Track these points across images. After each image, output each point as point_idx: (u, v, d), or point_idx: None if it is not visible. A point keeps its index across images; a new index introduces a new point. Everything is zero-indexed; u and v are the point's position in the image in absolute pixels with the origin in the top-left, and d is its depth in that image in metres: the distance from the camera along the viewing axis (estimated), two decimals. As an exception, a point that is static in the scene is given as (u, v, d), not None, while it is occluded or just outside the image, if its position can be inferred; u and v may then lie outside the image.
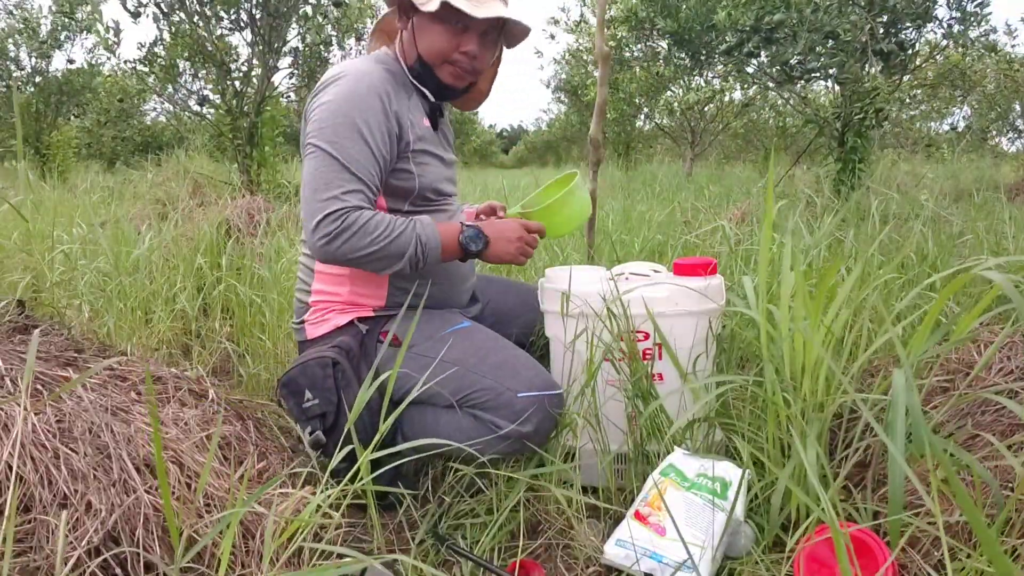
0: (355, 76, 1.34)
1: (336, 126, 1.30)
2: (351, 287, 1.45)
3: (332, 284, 1.46)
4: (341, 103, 1.31)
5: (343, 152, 1.29)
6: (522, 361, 1.39)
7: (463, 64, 1.41)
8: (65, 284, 2.09)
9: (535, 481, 1.35)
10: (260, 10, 4.77)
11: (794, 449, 1.14)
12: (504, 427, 1.30)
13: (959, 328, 1.07)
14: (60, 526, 0.87)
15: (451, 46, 1.39)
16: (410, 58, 1.44)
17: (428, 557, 1.22)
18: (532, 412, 1.30)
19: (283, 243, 2.72)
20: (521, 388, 1.32)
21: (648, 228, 3.12)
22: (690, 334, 1.39)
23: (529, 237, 1.43)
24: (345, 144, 1.29)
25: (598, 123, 2.04)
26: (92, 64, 8.72)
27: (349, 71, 1.35)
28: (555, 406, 1.34)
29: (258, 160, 5.05)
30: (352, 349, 1.40)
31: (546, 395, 1.33)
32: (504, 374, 1.34)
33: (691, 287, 1.38)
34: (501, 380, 1.33)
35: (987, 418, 1.19)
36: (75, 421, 1.06)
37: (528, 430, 1.30)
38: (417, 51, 1.41)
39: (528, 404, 1.31)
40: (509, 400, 1.31)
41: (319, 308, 1.47)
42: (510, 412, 1.30)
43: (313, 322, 1.48)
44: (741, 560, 1.12)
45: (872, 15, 3.99)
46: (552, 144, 21.62)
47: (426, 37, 1.39)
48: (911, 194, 4.04)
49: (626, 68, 8.14)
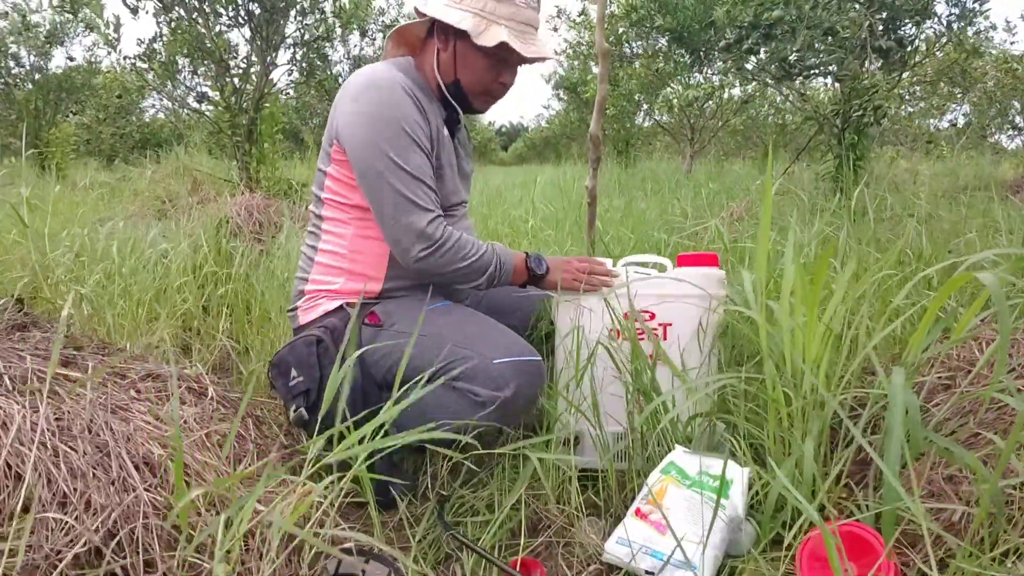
0: (389, 85, 1.35)
1: (391, 138, 1.33)
2: (347, 279, 1.48)
3: (329, 274, 1.49)
4: (385, 112, 1.33)
5: (409, 163, 1.34)
6: (499, 330, 1.41)
7: (498, 93, 1.48)
8: (64, 283, 2.09)
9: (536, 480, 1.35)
10: (257, 4, 4.76)
11: (793, 446, 1.14)
12: (482, 394, 1.31)
13: (959, 326, 1.07)
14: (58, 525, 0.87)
15: (493, 78, 1.44)
16: (446, 78, 1.45)
17: (428, 555, 1.22)
18: (509, 376, 1.31)
19: (282, 239, 2.72)
20: (497, 355, 1.33)
21: (646, 226, 3.11)
22: (693, 320, 1.42)
23: (583, 267, 1.50)
24: (407, 155, 1.34)
25: (598, 120, 2.03)
26: (92, 62, 8.71)
27: (381, 80, 1.36)
28: (535, 372, 1.35)
29: (257, 157, 5.04)
30: (338, 328, 1.43)
31: (522, 360, 1.34)
32: (480, 342, 1.36)
33: (693, 275, 1.43)
34: (476, 348, 1.35)
35: (989, 416, 1.18)
36: (74, 419, 1.06)
37: (507, 395, 1.30)
38: (456, 76, 1.44)
39: (504, 369, 1.31)
40: (485, 366, 1.32)
41: (312, 295, 1.50)
42: (487, 378, 1.31)
43: (304, 308, 1.51)
44: (742, 558, 1.12)
45: (871, 11, 3.98)
46: (552, 141, 21.57)
47: (470, 68, 1.42)
48: (909, 191, 4.04)
49: (626, 63, 8.13)
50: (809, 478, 1.07)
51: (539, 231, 3.23)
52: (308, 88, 5.88)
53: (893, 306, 1.30)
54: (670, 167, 8.82)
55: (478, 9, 1.36)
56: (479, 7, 1.36)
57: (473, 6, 1.36)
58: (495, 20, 1.36)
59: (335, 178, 1.45)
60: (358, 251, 1.47)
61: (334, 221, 1.48)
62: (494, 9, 1.36)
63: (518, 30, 1.39)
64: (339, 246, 1.48)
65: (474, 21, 1.35)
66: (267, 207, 3.87)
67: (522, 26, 1.39)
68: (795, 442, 1.15)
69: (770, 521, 1.15)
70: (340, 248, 1.48)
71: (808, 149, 5.77)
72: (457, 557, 1.21)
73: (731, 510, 1.10)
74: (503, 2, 1.37)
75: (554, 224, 3.35)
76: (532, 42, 1.41)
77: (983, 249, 2.04)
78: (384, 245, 1.45)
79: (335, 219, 1.48)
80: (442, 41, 1.42)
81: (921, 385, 1.31)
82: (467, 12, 1.36)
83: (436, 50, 1.44)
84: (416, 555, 1.18)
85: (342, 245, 1.48)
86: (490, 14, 1.36)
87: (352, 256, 1.47)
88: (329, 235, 1.49)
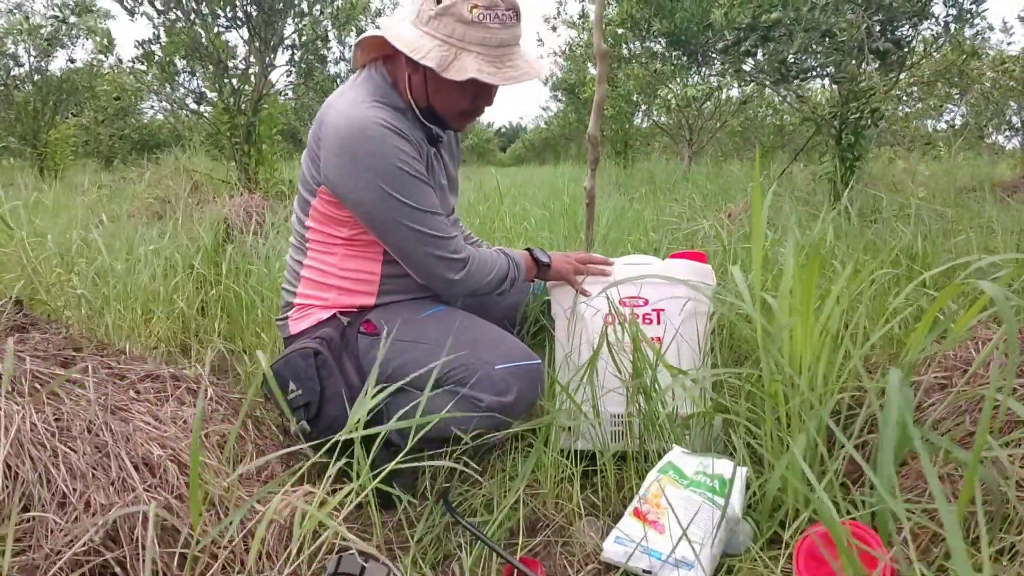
0: (374, 130, 1.27)
1: (394, 184, 1.30)
2: (338, 295, 1.46)
3: (319, 290, 1.47)
4: (379, 164, 1.28)
5: (418, 200, 1.33)
6: (499, 334, 1.42)
7: (476, 114, 1.43)
8: (63, 284, 2.09)
9: (534, 479, 1.36)
10: (254, 6, 4.76)
11: (791, 445, 1.15)
12: (485, 400, 1.32)
13: (956, 328, 1.08)
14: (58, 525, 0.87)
15: (468, 102, 1.37)
16: (420, 101, 1.37)
17: (427, 555, 1.22)
18: (512, 382, 1.33)
19: (280, 241, 2.72)
20: (499, 360, 1.34)
21: (643, 228, 3.12)
22: (683, 304, 1.50)
23: (583, 257, 1.59)
24: (413, 193, 1.33)
25: (596, 120, 2.03)
26: (94, 64, 8.70)
27: (365, 126, 1.27)
28: (535, 376, 1.37)
29: (256, 158, 5.04)
30: (334, 339, 1.42)
31: (524, 365, 1.36)
32: (481, 348, 1.37)
33: (684, 267, 1.52)
34: (478, 354, 1.35)
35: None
36: (73, 420, 1.06)
37: (509, 400, 1.32)
38: (429, 101, 1.36)
39: (507, 374, 1.33)
40: (488, 373, 1.33)
41: (302, 307, 1.49)
42: (490, 384, 1.33)
43: (296, 318, 1.49)
44: (740, 557, 1.13)
45: (868, 13, 3.98)
46: (550, 142, 21.57)
47: (443, 95, 1.34)
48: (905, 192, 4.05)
49: (624, 64, 8.13)
50: (806, 477, 1.07)
51: (536, 232, 3.23)
52: (306, 89, 5.88)
53: (892, 307, 1.30)
54: (668, 168, 8.83)
55: (446, 36, 1.25)
56: (447, 33, 1.24)
57: (441, 31, 1.25)
58: (464, 47, 1.25)
59: (321, 212, 1.41)
60: (348, 269, 1.44)
61: (321, 243, 1.44)
62: (464, 35, 1.24)
63: (492, 55, 1.27)
64: (328, 265, 1.44)
65: (440, 54, 1.24)
66: (265, 208, 3.88)
67: (497, 49, 1.27)
68: (792, 441, 1.16)
69: (767, 520, 1.15)
70: (329, 267, 1.44)
71: (806, 150, 5.78)
72: (456, 557, 1.21)
73: (728, 509, 1.10)
74: (473, 26, 1.24)
75: (548, 224, 3.36)
76: (510, 64, 1.29)
77: (979, 250, 2.05)
78: (375, 264, 1.44)
79: (321, 243, 1.44)
80: (411, 66, 1.32)
81: (918, 385, 1.31)
82: (435, 40, 1.25)
83: (407, 73, 1.35)
84: (415, 555, 1.18)
85: (331, 264, 1.44)
86: (459, 40, 1.25)
87: (342, 274, 1.44)
88: (316, 254, 1.46)
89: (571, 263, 1.56)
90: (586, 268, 1.55)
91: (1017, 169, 6.97)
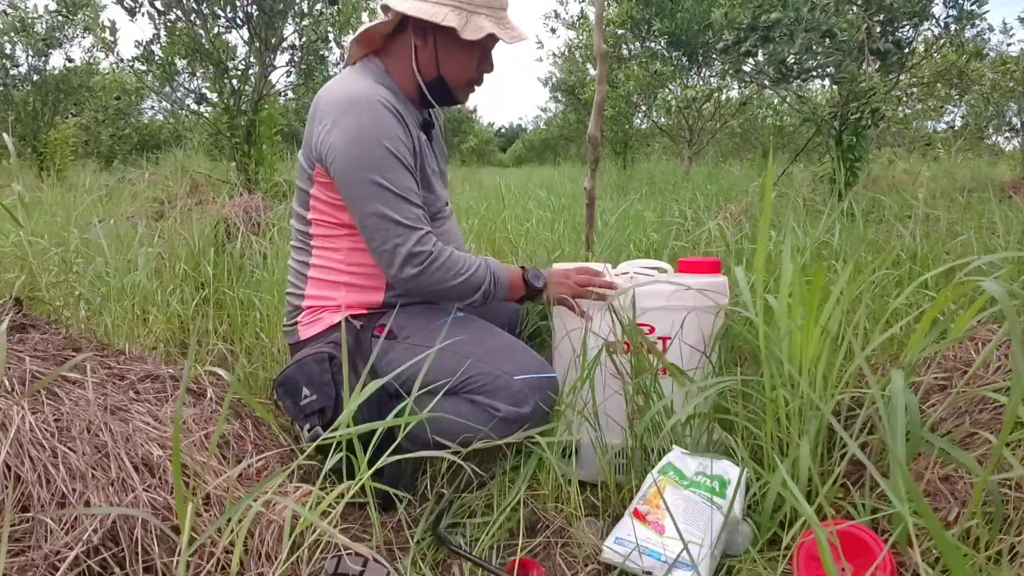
0: (369, 104, 1.31)
1: (375, 160, 1.30)
2: (346, 292, 1.46)
3: (327, 289, 1.47)
4: (367, 133, 1.30)
5: (395, 183, 1.32)
6: (517, 346, 1.43)
7: (479, 82, 1.47)
8: (62, 284, 2.09)
9: (535, 481, 1.36)
10: (255, 7, 4.76)
11: (791, 447, 1.15)
12: (503, 410, 1.32)
13: (955, 328, 1.08)
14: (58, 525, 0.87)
15: (475, 68, 1.44)
16: (428, 75, 1.43)
17: (427, 556, 1.22)
18: (529, 394, 1.33)
19: (279, 242, 2.71)
20: (517, 371, 1.35)
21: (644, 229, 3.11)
22: (695, 331, 1.40)
23: (585, 278, 1.45)
24: (392, 175, 1.32)
25: (596, 121, 2.04)
26: (91, 63, 8.70)
27: (360, 98, 1.32)
28: (551, 388, 1.38)
29: (256, 159, 5.04)
30: (348, 344, 1.40)
31: (542, 377, 1.37)
32: (500, 358, 1.37)
33: (696, 284, 1.38)
34: (497, 364, 1.36)
35: (985, 416, 1.19)
36: (73, 420, 1.06)
37: (526, 411, 1.33)
38: (439, 72, 1.42)
39: (525, 386, 1.34)
40: (506, 383, 1.34)
41: (311, 311, 1.48)
42: (507, 395, 1.33)
43: (306, 323, 1.48)
44: (739, 558, 1.13)
45: (869, 14, 3.99)
46: (550, 142, 21.59)
47: (455, 61, 1.41)
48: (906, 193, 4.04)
49: (624, 65, 8.14)
50: (806, 478, 1.07)
51: (535, 233, 3.23)
52: (306, 90, 5.88)
53: (891, 308, 1.30)
54: (668, 168, 8.83)
55: (455, 2, 1.33)
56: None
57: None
58: (474, 10, 1.34)
59: (321, 200, 1.41)
60: (356, 263, 1.44)
61: (325, 238, 1.45)
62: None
63: (496, 16, 1.37)
64: (335, 261, 1.45)
65: (456, 16, 1.32)
66: (265, 208, 3.87)
67: (498, 12, 1.37)
68: (793, 442, 1.16)
69: (768, 521, 1.15)
70: (336, 264, 1.45)
71: (806, 151, 5.78)
72: (454, 560, 1.21)
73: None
74: None
75: (550, 225, 3.36)
76: (510, 26, 1.40)
77: (979, 250, 2.05)
78: None
79: (326, 236, 1.45)
80: (420, 38, 1.38)
81: (917, 385, 1.31)
82: (444, 7, 1.32)
83: (413, 47, 1.40)
84: (415, 556, 1.18)
85: (338, 260, 1.45)
86: (468, 4, 1.33)
87: (350, 269, 1.44)
88: (321, 251, 1.46)
89: (570, 285, 1.45)
90: (585, 292, 1.44)
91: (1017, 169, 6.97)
